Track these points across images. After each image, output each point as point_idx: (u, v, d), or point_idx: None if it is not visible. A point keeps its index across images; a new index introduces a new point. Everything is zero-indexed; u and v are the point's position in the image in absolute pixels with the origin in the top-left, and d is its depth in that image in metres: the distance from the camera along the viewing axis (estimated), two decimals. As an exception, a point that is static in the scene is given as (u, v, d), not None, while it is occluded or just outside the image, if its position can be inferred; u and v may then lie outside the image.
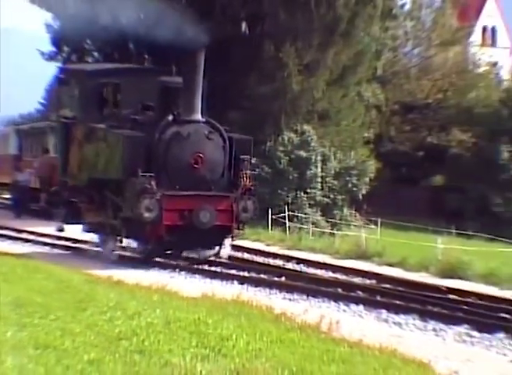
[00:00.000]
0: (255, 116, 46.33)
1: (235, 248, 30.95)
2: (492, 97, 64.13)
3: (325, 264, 27.37)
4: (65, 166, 29.81)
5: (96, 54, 52.47)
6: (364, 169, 47.44)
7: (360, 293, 21.21)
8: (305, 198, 44.12)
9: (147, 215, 24.49)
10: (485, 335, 16.45)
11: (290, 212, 40.73)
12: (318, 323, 16.25)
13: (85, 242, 31.45)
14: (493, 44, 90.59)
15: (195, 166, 25.17)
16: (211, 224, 24.98)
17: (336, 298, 20.52)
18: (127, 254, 27.71)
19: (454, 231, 38.09)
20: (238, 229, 26.24)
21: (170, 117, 25.89)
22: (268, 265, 27.62)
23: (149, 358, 11.49)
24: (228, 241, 26.64)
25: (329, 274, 25.17)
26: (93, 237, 29.82)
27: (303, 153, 44.57)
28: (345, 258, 27.61)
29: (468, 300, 20.35)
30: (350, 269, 25.78)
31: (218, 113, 44.74)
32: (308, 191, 44.58)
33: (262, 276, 24.03)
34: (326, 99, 46.72)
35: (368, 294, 20.96)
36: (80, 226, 30.05)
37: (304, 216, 40.99)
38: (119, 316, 14.42)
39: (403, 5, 61.88)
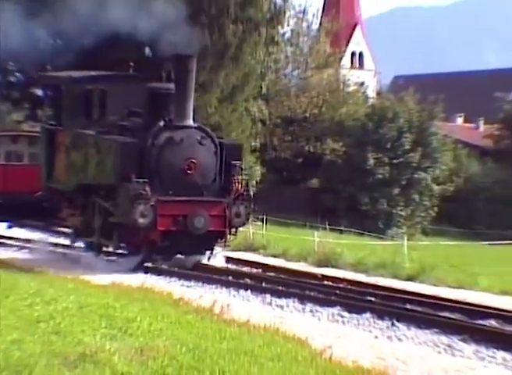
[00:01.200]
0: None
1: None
2: (359, 112, 64.91)
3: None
4: (50, 172, 26.80)
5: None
6: (251, 174, 47.62)
7: (248, 280, 21.20)
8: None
9: (141, 220, 21.79)
10: (354, 315, 16.56)
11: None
12: (212, 307, 16.28)
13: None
14: (360, 67, 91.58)
15: (188, 171, 22.58)
16: (205, 230, 22.41)
17: (227, 284, 20.54)
18: (113, 259, 24.48)
19: (328, 227, 38.25)
20: (231, 234, 23.52)
21: (161, 123, 23.13)
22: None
23: (64, 338, 11.39)
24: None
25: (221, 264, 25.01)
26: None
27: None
28: (235, 250, 27.49)
29: (340, 285, 20.53)
30: (240, 259, 25.68)
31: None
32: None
33: (163, 266, 23.80)
34: (218, 113, 46.87)
35: (255, 281, 21.00)
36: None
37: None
38: (38, 301, 14.23)
39: (284, 34, 61.99)
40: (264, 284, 20.56)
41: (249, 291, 19.70)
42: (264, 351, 11.80)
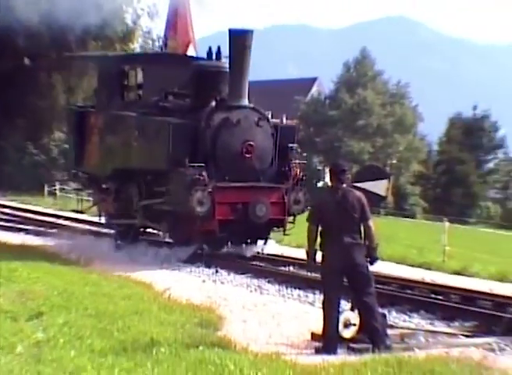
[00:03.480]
0: (34, 121, 46.88)
1: (21, 210, 30.07)
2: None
3: (76, 219, 25.37)
4: (78, 157, 20.54)
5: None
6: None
7: (107, 238, 20.12)
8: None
9: (198, 209, 16.07)
10: (188, 265, 16.56)
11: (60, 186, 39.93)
12: (78, 259, 16.20)
13: None
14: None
15: (246, 155, 16.83)
16: (266, 218, 16.77)
17: (90, 242, 20.05)
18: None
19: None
20: (290, 222, 17.55)
21: (213, 103, 17.27)
22: (45, 221, 25.49)
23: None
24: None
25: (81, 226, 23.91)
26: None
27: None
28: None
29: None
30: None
31: (9, 121, 44.90)
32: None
33: (41, 228, 23.30)
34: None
35: (111, 238, 19.78)
36: None
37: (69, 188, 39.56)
38: None
39: (134, 49, 61.62)
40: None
41: (112, 247, 19.03)
42: (118, 292, 11.87)
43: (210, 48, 18.05)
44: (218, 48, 17.96)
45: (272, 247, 18.12)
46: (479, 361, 8.40)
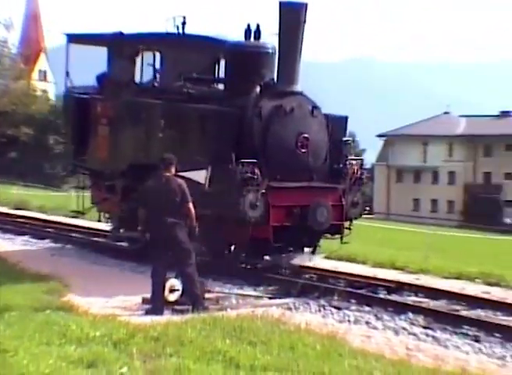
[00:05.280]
0: None
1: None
2: (44, 108, 62.96)
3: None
4: (79, 149, 14.72)
5: None
6: None
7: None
8: None
9: (251, 213, 11.25)
10: (39, 241, 16.02)
11: None
12: None
13: None
14: (45, 80, 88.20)
15: (301, 149, 11.96)
16: (327, 224, 12.00)
17: None
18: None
19: (23, 184, 36.19)
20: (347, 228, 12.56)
21: (257, 89, 12.15)
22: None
23: None
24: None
25: None
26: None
27: None
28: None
29: (29, 221, 19.57)
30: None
31: None
32: None
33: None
34: None
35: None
36: None
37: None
38: None
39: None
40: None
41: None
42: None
43: (249, 25, 12.67)
44: (258, 25, 12.70)
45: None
46: (279, 317, 8.65)
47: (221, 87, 13.67)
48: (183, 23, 13.58)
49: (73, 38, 15.31)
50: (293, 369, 6.48)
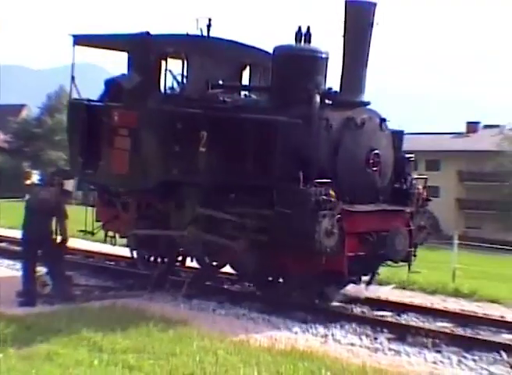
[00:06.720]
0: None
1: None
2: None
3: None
4: (90, 165, 10.86)
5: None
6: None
7: None
8: None
9: (327, 242, 8.42)
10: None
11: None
12: None
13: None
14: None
15: (373, 168, 9.36)
16: (404, 253, 9.35)
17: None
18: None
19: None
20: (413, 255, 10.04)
21: (317, 98, 9.00)
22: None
23: None
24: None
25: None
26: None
27: None
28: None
29: None
30: None
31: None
32: None
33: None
34: None
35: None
36: None
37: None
38: None
39: None
40: None
41: None
42: None
43: (299, 28, 9.97)
44: (308, 28, 9.98)
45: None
46: (137, 307, 8.66)
47: (253, 95, 11.09)
48: (209, 26, 10.81)
49: (80, 40, 11.59)
50: (149, 351, 6.92)
